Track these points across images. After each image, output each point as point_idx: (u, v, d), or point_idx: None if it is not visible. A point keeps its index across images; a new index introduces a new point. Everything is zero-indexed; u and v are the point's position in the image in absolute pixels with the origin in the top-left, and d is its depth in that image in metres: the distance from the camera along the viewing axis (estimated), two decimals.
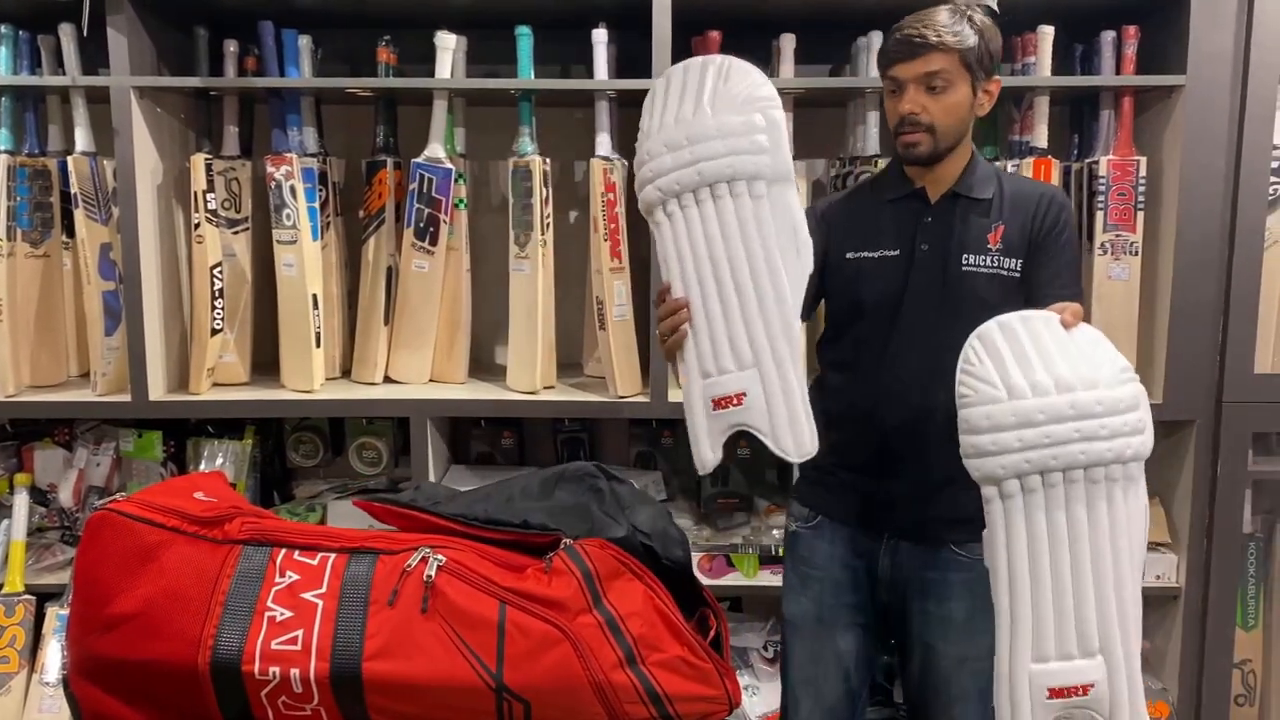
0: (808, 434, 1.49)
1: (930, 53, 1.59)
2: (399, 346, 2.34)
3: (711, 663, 1.38)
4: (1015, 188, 1.72)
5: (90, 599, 1.34)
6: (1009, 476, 1.38)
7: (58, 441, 2.44)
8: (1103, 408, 1.36)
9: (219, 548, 1.36)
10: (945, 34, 1.59)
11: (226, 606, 1.31)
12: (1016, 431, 1.36)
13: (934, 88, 1.60)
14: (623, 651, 1.32)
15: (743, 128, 1.48)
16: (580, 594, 1.33)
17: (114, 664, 1.31)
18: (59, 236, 2.33)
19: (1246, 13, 2.08)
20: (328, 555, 1.37)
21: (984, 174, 1.71)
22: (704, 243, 1.50)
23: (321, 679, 1.29)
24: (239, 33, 2.25)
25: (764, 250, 1.48)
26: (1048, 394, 1.36)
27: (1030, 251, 1.67)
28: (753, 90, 1.50)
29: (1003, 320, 1.43)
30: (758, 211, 1.48)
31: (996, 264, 1.66)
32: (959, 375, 1.42)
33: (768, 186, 1.48)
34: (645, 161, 1.53)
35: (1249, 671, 2.37)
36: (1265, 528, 2.40)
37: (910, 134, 1.63)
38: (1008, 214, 1.69)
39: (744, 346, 1.49)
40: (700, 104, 1.50)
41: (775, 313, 1.48)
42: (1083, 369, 1.38)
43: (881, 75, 1.66)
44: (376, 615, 1.31)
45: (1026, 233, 1.68)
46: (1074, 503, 1.38)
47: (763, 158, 1.48)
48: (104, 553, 1.34)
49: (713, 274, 1.50)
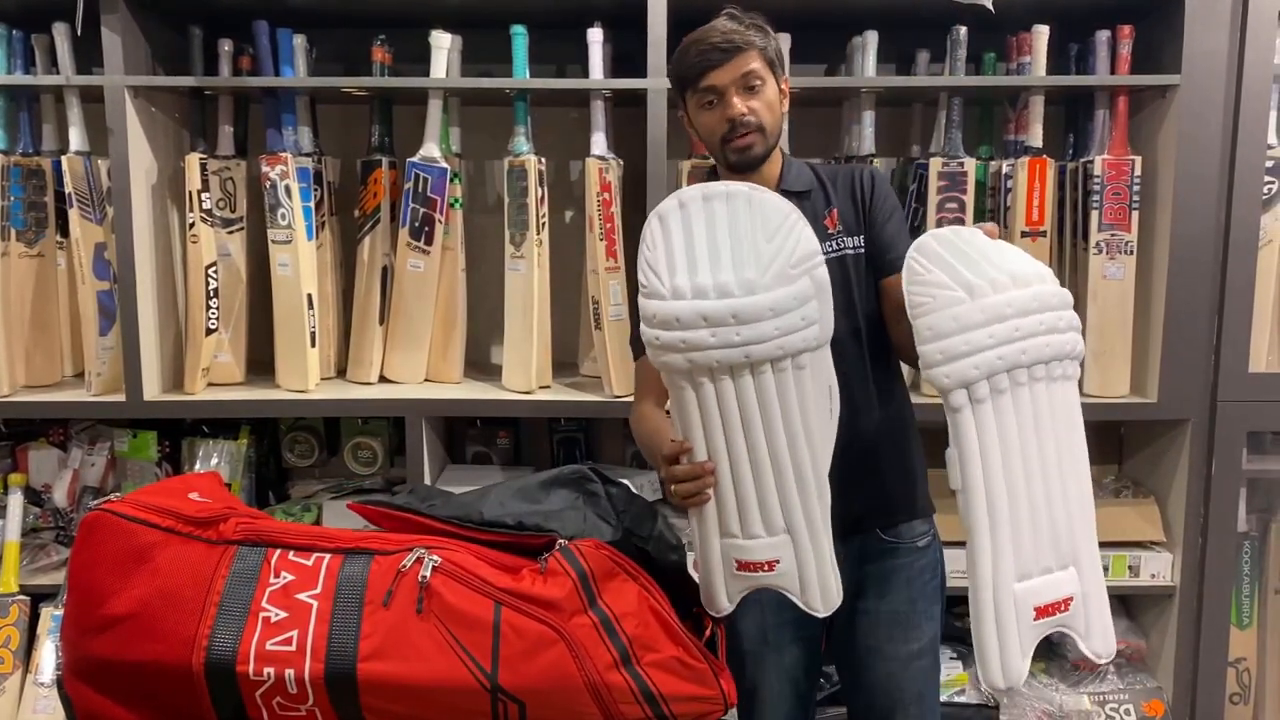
0: (835, 589, 1.41)
1: (740, 54, 1.57)
2: (394, 346, 2.33)
3: (706, 662, 1.38)
4: (829, 173, 1.72)
5: (84, 599, 1.34)
6: (982, 377, 1.30)
7: (52, 442, 2.44)
8: (1058, 299, 1.33)
9: (214, 548, 1.36)
10: (749, 35, 1.58)
11: (221, 607, 1.31)
12: (987, 329, 1.29)
13: (752, 87, 1.58)
14: (618, 652, 1.32)
15: (794, 302, 1.33)
16: (575, 594, 1.33)
17: (108, 664, 1.31)
18: (53, 236, 2.32)
19: (1241, 12, 2.08)
20: (323, 556, 1.37)
21: (798, 168, 1.71)
22: (738, 416, 1.36)
23: (316, 679, 1.28)
24: (234, 32, 2.24)
25: (802, 420, 1.36)
26: (1008, 290, 1.31)
27: (865, 226, 1.67)
28: (800, 248, 1.35)
29: (934, 232, 1.39)
30: (799, 382, 1.36)
31: (841, 246, 1.65)
32: (907, 288, 1.34)
33: (810, 356, 1.36)
34: (673, 326, 1.33)
35: (1244, 670, 2.37)
36: (1260, 526, 2.40)
37: (744, 136, 1.59)
38: (835, 196, 1.68)
39: (776, 515, 1.37)
40: (742, 267, 1.33)
41: (810, 479, 1.37)
42: (1025, 266, 1.35)
43: (688, 91, 1.62)
44: (371, 616, 1.31)
45: (857, 208, 1.68)
46: (1038, 401, 1.33)
47: (812, 330, 1.35)
48: (98, 553, 1.34)
49: (745, 446, 1.36)
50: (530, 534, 1.42)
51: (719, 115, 1.60)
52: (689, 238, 1.36)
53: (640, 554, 1.43)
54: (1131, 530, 2.29)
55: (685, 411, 1.37)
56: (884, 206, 1.68)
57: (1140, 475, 2.43)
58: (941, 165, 2.19)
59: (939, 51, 2.25)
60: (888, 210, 1.68)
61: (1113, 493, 2.41)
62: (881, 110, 2.28)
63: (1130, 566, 2.26)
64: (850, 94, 2.30)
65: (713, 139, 1.63)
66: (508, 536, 1.41)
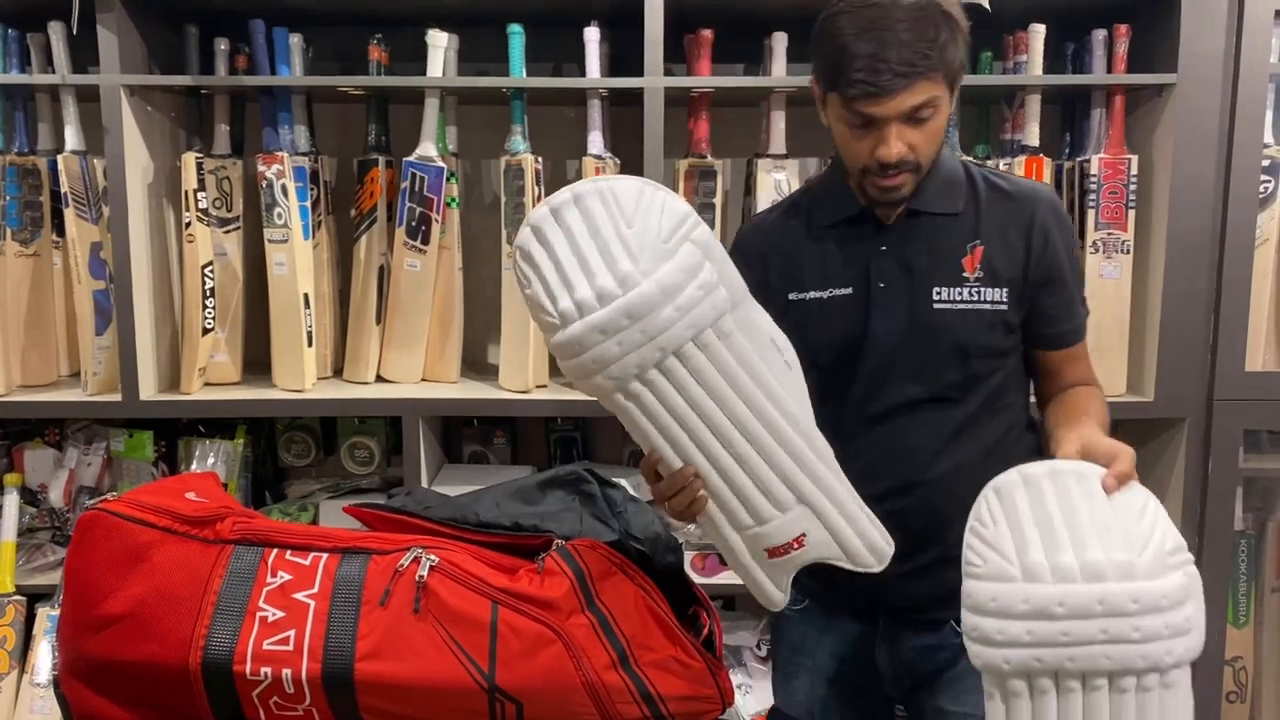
0: (879, 537, 1.32)
1: (919, 81, 1.27)
2: (391, 346, 2.33)
3: (704, 662, 1.38)
4: (993, 193, 1.41)
5: (81, 599, 1.33)
6: (1014, 675, 1.13)
7: (48, 441, 2.44)
8: (1138, 606, 1.09)
9: (210, 548, 1.35)
10: (939, 52, 1.27)
11: (218, 606, 1.31)
12: (1027, 623, 1.11)
13: (921, 119, 1.31)
14: (615, 652, 1.32)
15: (683, 275, 1.21)
16: (573, 594, 1.33)
17: (105, 664, 1.31)
18: (49, 235, 2.31)
19: (1237, 12, 2.08)
20: (320, 555, 1.36)
21: (949, 178, 1.41)
22: (686, 406, 1.25)
23: (313, 679, 1.28)
24: (230, 31, 2.24)
25: (755, 383, 1.26)
26: (1072, 581, 1.10)
27: (1022, 277, 1.39)
28: (665, 219, 1.22)
29: (1027, 472, 1.17)
30: (732, 348, 1.25)
31: (977, 297, 1.38)
32: (967, 535, 1.18)
33: (731, 317, 1.25)
34: (578, 352, 1.22)
35: (1240, 669, 2.38)
36: (1256, 525, 2.40)
37: (892, 177, 1.33)
38: (987, 229, 1.39)
39: (779, 489, 1.29)
40: (614, 262, 1.20)
41: (795, 438, 1.28)
42: (1119, 550, 1.11)
43: (832, 92, 1.33)
44: (369, 615, 1.31)
45: (1015, 254, 1.39)
46: (1095, 712, 1.11)
47: (718, 294, 1.23)
48: (95, 553, 1.33)
49: (712, 434, 1.27)
50: (527, 535, 1.42)
51: (867, 146, 1.33)
52: (552, 255, 1.23)
53: (638, 555, 1.43)
54: None
55: (636, 425, 1.28)
56: (1057, 264, 1.39)
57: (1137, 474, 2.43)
58: None
59: None
60: (1061, 270, 1.38)
61: None
62: None
63: None
64: None
65: (851, 162, 1.39)
66: (504, 538, 1.41)
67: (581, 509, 1.48)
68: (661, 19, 2.07)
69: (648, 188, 1.24)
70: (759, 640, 2.36)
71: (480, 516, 1.44)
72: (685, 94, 2.21)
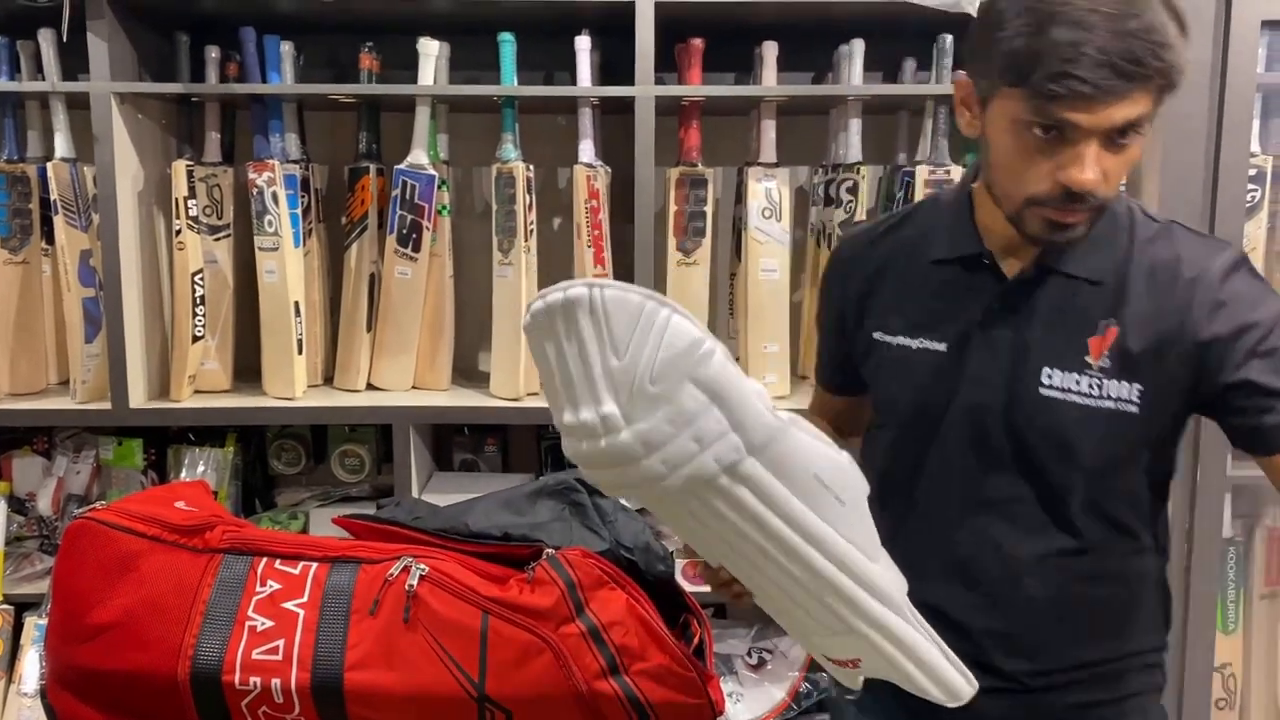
0: (957, 678, 1.10)
1: (1144, 85, 1.02)
2: (381, 353, 2.33)
3: (695, 671, 1.38)
4: (1155, 259, 1.12)
5: (68, 609, 1.32)
6: None
7: (36, 450, 2.42)
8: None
9: (199, 556, 1.35)
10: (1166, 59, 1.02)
11: (207, 616, 1.30)
12: None
13: (1123, 144, 1.05)
14: (605, 661, 1.32)
15: (669, 428, 0.98)
16: (563, 603, 1.32)
17: (92, 674, 1.30)
18: (38, 243, 2.31)
19: (1224, 21, 2.10)
20: (309, 564, 1.36)
21: (1102, 232, 1.12)
22: (710, 540, 1.10)
23: (303, 689, 1.28)
24: (220, 39, 2.24)
25: (791, 527, 1.04)
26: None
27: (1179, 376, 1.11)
28: (662, 353, 0.97)
29: None
30: (758, 491, 1.02)
31: (1098, 391, 1.12)
32: None
33: (757, 460, 1.01)
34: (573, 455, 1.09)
35: (1229, 675, 2.38)
36: (1245, 532, 2.41)
37: (1077, 212, 1.05)
38: (1130, 308, 1.11)
39: (827, 617, 1.10)
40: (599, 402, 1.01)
41: (845, 584, 1.07)
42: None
43: (1018, 110, 1.04)
44: (358, 625, 1.30)
45: (1165, 340, 1.10)
46: None
47: (725, 442, 0.99)
48: (82, 562, 1.33)
49: (750, 569, 1.11)
50: (517, 544, 1.41)
51: (1048, 168, 1.05)
52: (546, 364, 1.05)
53: (628, 564, 1.43)
54: None
55: (663, 519, 1.14)
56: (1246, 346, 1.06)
57: None
58: (928, 173, 2.20)
59: (925, 60, 2.26)
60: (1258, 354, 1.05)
61: None
62: (868, 118, 2.29)
63: None
64: (837, 102, 2.31)
65: (1017, 185, 1.08)
66: (495, 548, 1.41)
67: (571, 519, 1.48)
68: (652, 28, 2.07)
69: (649, 306, 0.98)
70: (749, 649, 2.36)
71: (470, 527, 1.44)
72: (676, 102, 2.22)
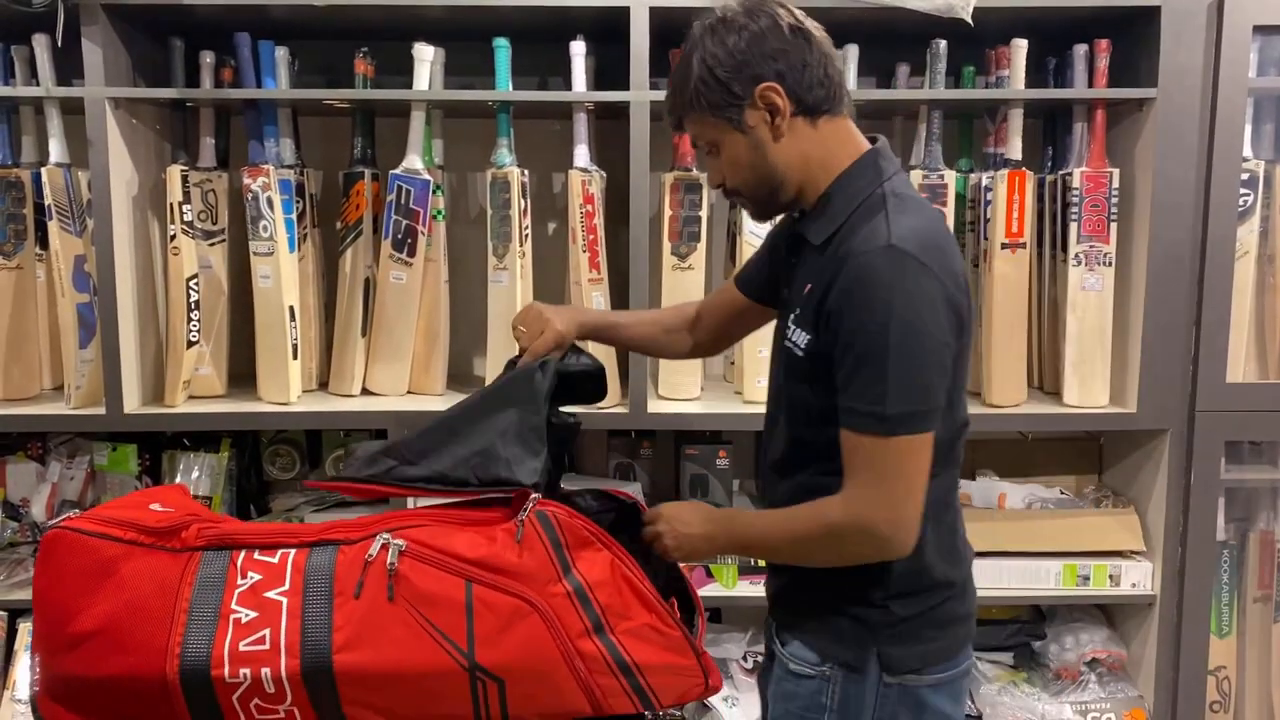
0: None
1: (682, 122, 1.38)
2: (376, 358, 2.33)
3: (680, 630, 1.37)
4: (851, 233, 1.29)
5: (51, 619, 1.32)
6: None
7: (31, 455, 2.42)
8: None
9: (178, 556, 1.35)
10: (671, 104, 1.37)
11: (190, 614, 1.30)
12: None
13: (710, 152, 1.39)
14: (590, 620, 1.31)
15: None
16: (549, 563, 1.32)
17: (81, 682, 1.30)
18: (32, 248, 2.30)
19: (1216, 27, 2.11)
20: (288, 552, 1.35)
21: (838, 208, 1.33)
22: None
23: (293, 676, 1.27)
24: (215, 44, 2.24)
25: None
26: None
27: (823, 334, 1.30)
28: None
29: None
30: None
31: (791, 335, 1.36)
32: None
33: None
34: None
35: (1224, 678, 2.39)
36: (1238, 535, 2.42)
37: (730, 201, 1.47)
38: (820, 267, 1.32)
39: None
40: None
41: None
42: None
43: None
44: (342, 607, 1.30)
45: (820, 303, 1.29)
46: None
47: None
48: (61, 571, 1.32)
49: None
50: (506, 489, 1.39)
51: None
52: None
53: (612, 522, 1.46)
54: (1112, 540, 2.31)
55: None
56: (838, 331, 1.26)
57: (1120, 485, 2.45)
58: (922, 178, 2.21)
59: (919, 65, 2.26)
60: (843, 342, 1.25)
61: (1093, 502, 2.42)
62: (862, 123, 2.26)
63: (1111, 576, 2.28)
64: None
65: None
66: (476, 495, 1.40)
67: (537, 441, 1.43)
68: (647, 33, 2.08)
69: None
70: (745, 652, 2.36)
71: (449, 476, 1.40)
72: None
